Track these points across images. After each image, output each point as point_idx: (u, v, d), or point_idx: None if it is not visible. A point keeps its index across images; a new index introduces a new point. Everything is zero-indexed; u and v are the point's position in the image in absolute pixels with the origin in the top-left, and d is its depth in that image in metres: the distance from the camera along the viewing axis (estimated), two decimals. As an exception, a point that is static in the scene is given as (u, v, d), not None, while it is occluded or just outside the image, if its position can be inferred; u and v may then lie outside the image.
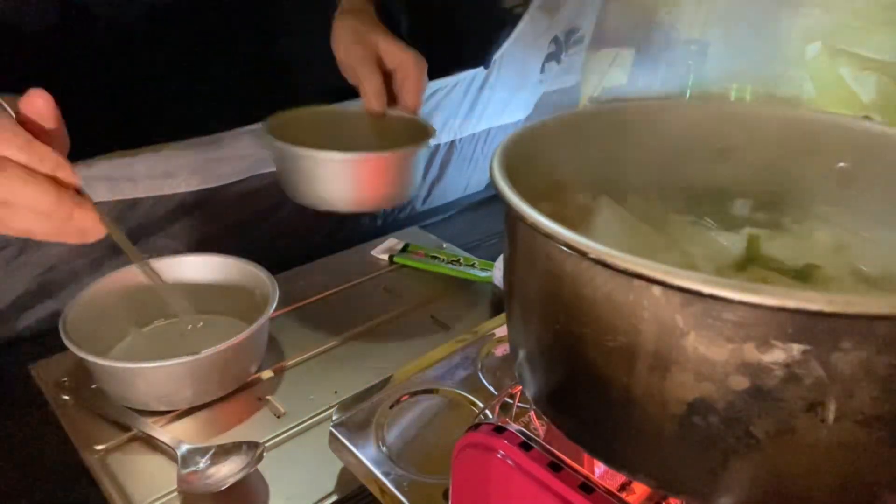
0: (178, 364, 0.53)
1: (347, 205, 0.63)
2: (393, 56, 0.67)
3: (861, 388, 0.26)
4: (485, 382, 0.55)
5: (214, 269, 0.65)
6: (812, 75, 0.84)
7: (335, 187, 0.62)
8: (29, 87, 0.44)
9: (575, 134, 0.43)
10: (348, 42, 0.68)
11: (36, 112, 0.44)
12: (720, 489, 0.30)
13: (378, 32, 0.68)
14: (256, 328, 0.56)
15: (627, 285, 0.28)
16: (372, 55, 0.67)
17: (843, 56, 0.81)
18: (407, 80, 0.68)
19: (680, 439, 0.29)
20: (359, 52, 0.67)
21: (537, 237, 0.30)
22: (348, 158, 0.60)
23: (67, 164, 0.44)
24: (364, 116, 0.68)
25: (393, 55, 0.67)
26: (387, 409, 0.51)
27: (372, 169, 0.62)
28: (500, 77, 0.94)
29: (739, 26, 0.85)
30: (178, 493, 0.49)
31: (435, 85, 0.87)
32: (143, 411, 0.56)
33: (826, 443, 0.27)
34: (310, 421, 0.57)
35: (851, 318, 0.24)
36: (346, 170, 0.61)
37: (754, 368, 0.26)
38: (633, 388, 0.30)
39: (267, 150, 0.62)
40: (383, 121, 0.69)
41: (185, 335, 0.64)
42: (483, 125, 0.98)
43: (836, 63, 0.82)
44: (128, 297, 0.63)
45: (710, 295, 0.25)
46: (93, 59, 0.70)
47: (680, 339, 0.27)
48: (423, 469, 0.46)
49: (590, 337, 0.30)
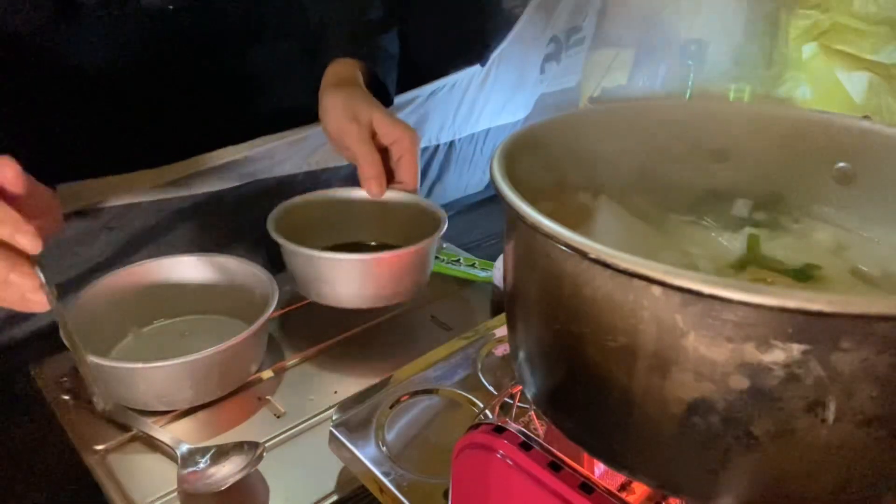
0: (178, 364, 0.53)
1: (365, 302, 0.63)
2: (389, 133, 0.67)
3: (861, 388, 0.26)
4: (485, 382, 0.55)
5: (214, 270, 0.65)
6: (808, 76, 0.84)
7: (352, 287, 0.62)
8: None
9: (575, 134, 0.43)
10: (341, 119, 0.67)
11: (2, 179, 0.43)
12: (720, 489, 0.30)
13: (372, 108, 0.67)
14: (256, 328, 0.56)
15: (627, 285, 0.28)
16: (367, 133, 0.66)
17: (837, 56, 0.82)
18: (403, 158, 0.68)
19: (680, 439, 0.29)
20: (354, 130, 0.66)
21: (537, 237, 0.30)
22: (364, 259, 0.61)
23: (29, 229, 0.44)
24: (364, 198, 0.69)
25: (389, 133, 0.67)
26: (387, 409, 0.51)
27: (386, 267, 0.62)
28: (499, 76, 0.94)
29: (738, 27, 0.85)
30: (178, 493, 0.49)
31: (432, 85, 0.87)
32: (143, 411, 0.56)
33: (826, 443, 0.27)
34: (310, 421, 0.57)
35: (851, 318, 0.24)
36: (360, 269, 0.61)
37: (754, 368, 0.26)
38: (633, 389, 0.30)
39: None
40: (385, 202, 0.70)
41: (185, 335, 0.64)
42: (482, 125, 0.98)
43: (832, 63, 0.82)
44: (127, 297, 0.63)
45: (710, 295, 0.25)
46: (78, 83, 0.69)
47: (680, 339, 0.27)
48: (423, 469, 0.46)
49: (590, 337, 0.30)
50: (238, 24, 0.77)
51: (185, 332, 0.65)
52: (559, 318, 0.32)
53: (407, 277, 0.64)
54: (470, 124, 0.96)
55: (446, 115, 0.92)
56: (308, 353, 0.65)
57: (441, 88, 0.88)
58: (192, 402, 0.57)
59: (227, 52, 0.76)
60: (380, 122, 0.66)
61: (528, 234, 0.33)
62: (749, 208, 0.44)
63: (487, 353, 0.58)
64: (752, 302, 0.24)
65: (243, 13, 0.77)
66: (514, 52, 0.94)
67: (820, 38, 0.82)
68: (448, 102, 0.90)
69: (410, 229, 0.69)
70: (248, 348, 0.58)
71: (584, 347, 0.31)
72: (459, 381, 0.55)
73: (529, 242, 0.33)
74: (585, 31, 1.02)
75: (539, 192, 0.36)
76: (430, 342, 0.65)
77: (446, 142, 0.94)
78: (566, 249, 0.29)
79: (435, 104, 0.89)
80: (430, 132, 0.91)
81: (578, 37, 1.02)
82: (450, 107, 0.91)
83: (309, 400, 0.59)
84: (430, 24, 0.92)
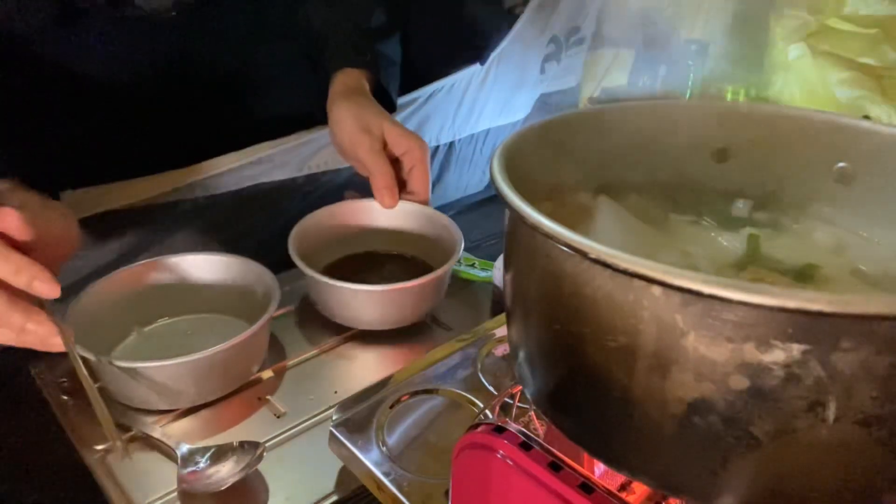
0: (181, 363, 0.53)
1: (384, 324, 0.65)
2: (400, 144, 0.67)
3: (861, 388, 0.26)
4: (485, 382, 0.55)
5: (217, 269, 0.65)
6: (795, 77, 0.85)
7: (375, 312, 0.64)
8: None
9: (575, 134, 0.43)
10: (352, 130, 0.67)
11: (6, 229, 0.44)
12: (720, 489, 0.30)
13: (383, 119, 0.67)
14: (258, 327, 0.56)
15: (627, 285, 0.28)
16: (379, 145, 0.66)
17: (825, 58, 0.82)
18: (415, 169, 0.68)
19: (680, 439, 0.29)
20: (365, 142, 0.66)
21: (537, 237, 0.30)
22: (383, 290, 0.62)
23: (46, 276, 0.44)
24: (377, 209, 0.70)
25: (400, 143, 0.67)
26: (387, 409, 0.51)
27: (403, 294, 0.63)
28: (499, 76, 0.94)
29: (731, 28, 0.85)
30: (178, 493, 0.49)
31: (432, 86, 0.87)
32: (144, 411, 0.56)
33: (826, 443, 0.27)
34: (310, 421, 0.57)
35: (851, 318, 0.24)
36: (380, 298, 0.63)
37: (754, 368, 0.26)
38: (633, 388, 0.30)
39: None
40: (397, 213, 0.71)
41: (187, 334, 0.64)
42: (482, 125, 0.98)
43: (819, 65, 0.82)
44: (130, 296, 0.63)
45: (710, 295, 0.25)
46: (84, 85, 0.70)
47: (680, 339, 0.27)
48: (423, 469, 0.46)
49: (590, 337, 0.30)
50: (240, 30, 0.77)
51: (188, 331, 0.65)
52: (559, 318, 0.32)
53: (426, 300, 0.66)
54: (470, 124, 0.96)
55: (446, 115, 0.91)
56: (308, 353, 0.65)
57: (441, 89, 0.88)
58: (194, 400, 0.57)
59: (229, 57, 0.77)
60: (391, 133, 0.66)
61: (528, 234, 0.33)
62: (749, 208, 0.44)
63: (487, 353, 0.58)
64: (752, 302, 0.24)
65: (245, 18, 0.77)
66: (514, 52, 0.94)
67: (808, 39, 0.82)
68: (448, 103, 0.90)
69: (423, 239, 0.70)
70: (250, 347, 0.58)
71: (584, 347, 0.31)
72: (459, 381, 0.55)
73: (529, 242, 0.33)
74: (585, 31, 1.02)
75: (539, 192, 0.36)
76: (430, 342, 0.65)
77: (446, 142, 0.94)
78: (566, 249, 0.29)
79: (435, 105, 0.88)
80: (431, 132, 0.91)
81: (578, 37, 1.02)
82: (450, 107, 0.91)
83: (309, 400, 0.59)
84: (430, 24, 0.92)
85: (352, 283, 0.61)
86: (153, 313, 0.65)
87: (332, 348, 0.66)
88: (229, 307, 0.65)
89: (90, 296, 0.59)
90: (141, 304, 0.63)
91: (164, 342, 0.63)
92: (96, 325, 0.58)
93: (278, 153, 0.77)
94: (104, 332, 0.60)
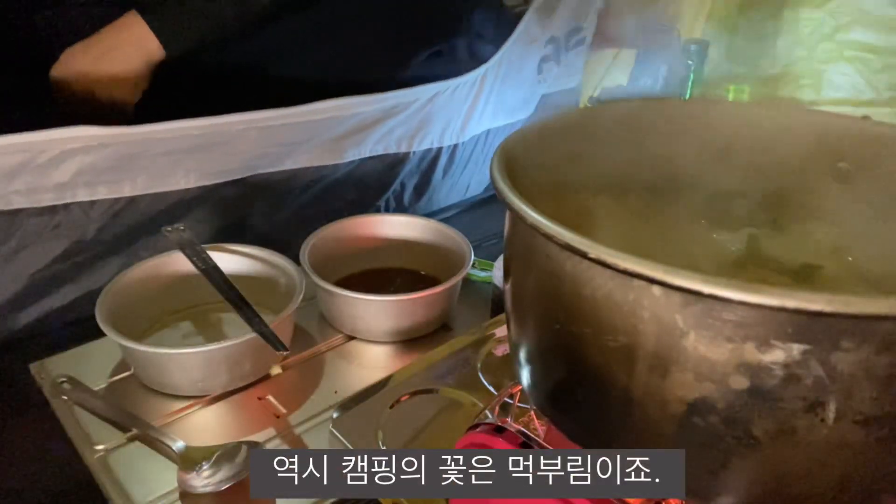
0: (214, 349, 0.54)
1: (400, 336, 0.65)
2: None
3: (861, 388, 0.26)
4: (485, 382, 0.55)
5: (243, 260, 0.67)
6: (819, 72, 0.84)
7: (388, 323, 0.64)
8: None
9: (575, 134, 0.43)
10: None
11: None
12: (720, 489, 0.30)
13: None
14: (286, 315, 0.58)
15: (627, 285, 0.28)
16: None
17: (849, 52, 0.81)
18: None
19: (680, 439, 0.29)
20: None
21: (537, 237, 0.30)
22: (392, 300, 0.62)
23: None
24: (388, 226, 0.72)
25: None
26: (387, 409, 0.51)
27: (414, 305, 0.64)
28: (500, 78, 0.94)
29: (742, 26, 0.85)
30: (178, 493, 0.49)
31: (434, 88, 0.86)
32: (144, 410, 0.56)
33: (826, 443, 0.27)
34: (310, 421, 0.57)
35: (851, 318, 0.24)
36: (389, 309, 0.63)
37: (754, 368, 0.26)
38: (633, 388, 0.30)
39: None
40: (409, 230, 0.73)
41: (215, 324, 0.65)
42: (482, 125, 0.98)
43: (844, 61, 0.82)
44: (160, 285, 0.64)
45: (710, 295, 0.25)
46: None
47: (680, 339, 0.27)
48: (423, 469, 0.46)
49: (590, 337, 0.30)
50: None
51: (215, 320, 0.66)
52: (559, 318, 0.32)
53: (437, 309, 0.66)
54: (471, 125, 0.96)
55: (449, 119, 0.91)
56: (308, 353, 0.65)
57: (442, 92, 0.88)
58: (225, 386, 0.58)
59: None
60: None
61: (528, 234, 0.33)
62: (749, 208, 0.44)
63: (487, 353, 0.58)
64: (751, 302, 0.24)
65: None
66: (514, 52, 0.94)
67: (835, 35, 0.82)
68: (450, 106, 0.90)
69: (433, 255, 0.73)
70: (280, 333, 0.59)
71: (584, 347, 0.31)
72: (459, 381, 0.55)
73: (529, 242, 0.33)
74: (585, 31, 1.02)
75: (539, 192, 0.36)
76: (430, 342, 0.65)
77: (450, 145, 0.93)
78: (566, 249, 0.29)
79: (438, 109, 0.88)
80: (433, 135, 0.91)
81: (578, 37, 1.02)
82: (452, 111, 0.91)
83: (309, 400, 0.59)
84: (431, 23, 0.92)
85: (366, 294, 0.62)
86: (182, 301, 0.66)
87: (332, 348, 0.66)
88: (254, 298, 0.66)
89: (121, 285, 0.61)
90: (170, 293, 0.65)
91: (195, 330, 0.65)
92: (129, 313, 0.60)
93: (279, 146, 0.76)
94: (136, 319, 0.62)
